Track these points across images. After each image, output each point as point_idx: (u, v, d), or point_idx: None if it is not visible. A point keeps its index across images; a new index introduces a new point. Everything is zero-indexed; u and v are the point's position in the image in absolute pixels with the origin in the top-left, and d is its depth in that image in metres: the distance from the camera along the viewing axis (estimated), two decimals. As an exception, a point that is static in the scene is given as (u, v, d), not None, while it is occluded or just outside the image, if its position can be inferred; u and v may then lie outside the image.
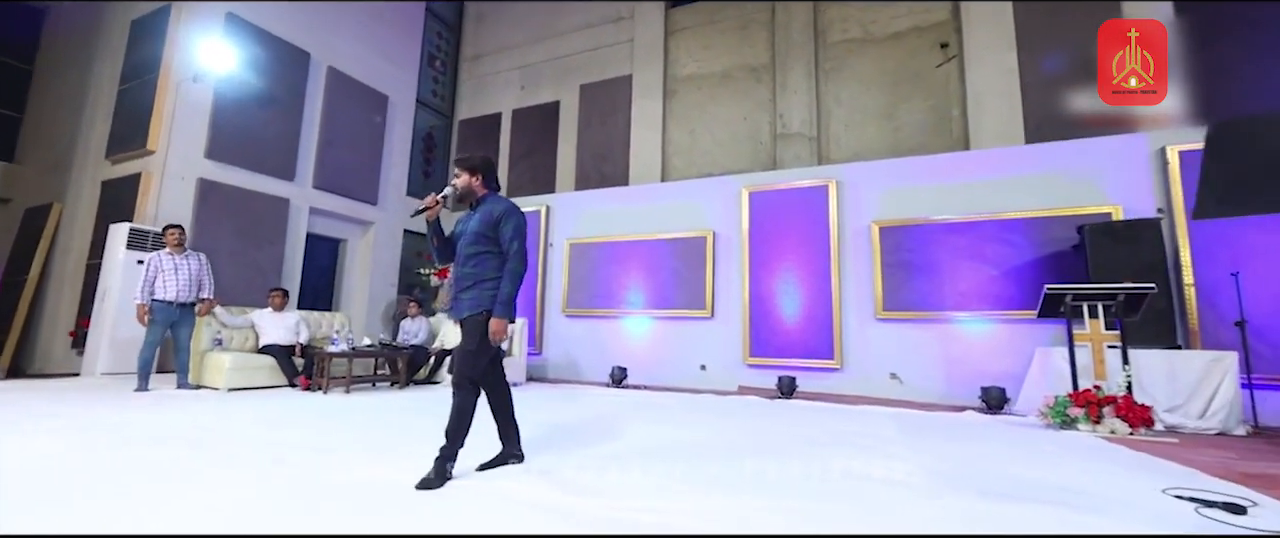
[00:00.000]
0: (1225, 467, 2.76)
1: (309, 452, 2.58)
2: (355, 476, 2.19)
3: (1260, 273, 4.49)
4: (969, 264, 5.50)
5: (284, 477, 2.15)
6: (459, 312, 2.31)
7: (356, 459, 2.48)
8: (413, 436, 3.08)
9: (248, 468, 2.27)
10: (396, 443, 2.88)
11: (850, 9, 7.73)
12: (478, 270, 2.29)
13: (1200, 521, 1.88)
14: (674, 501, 1.94)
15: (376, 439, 2.98)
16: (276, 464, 2.33)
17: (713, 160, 8.23)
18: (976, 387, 5.18)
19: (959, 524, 1.79)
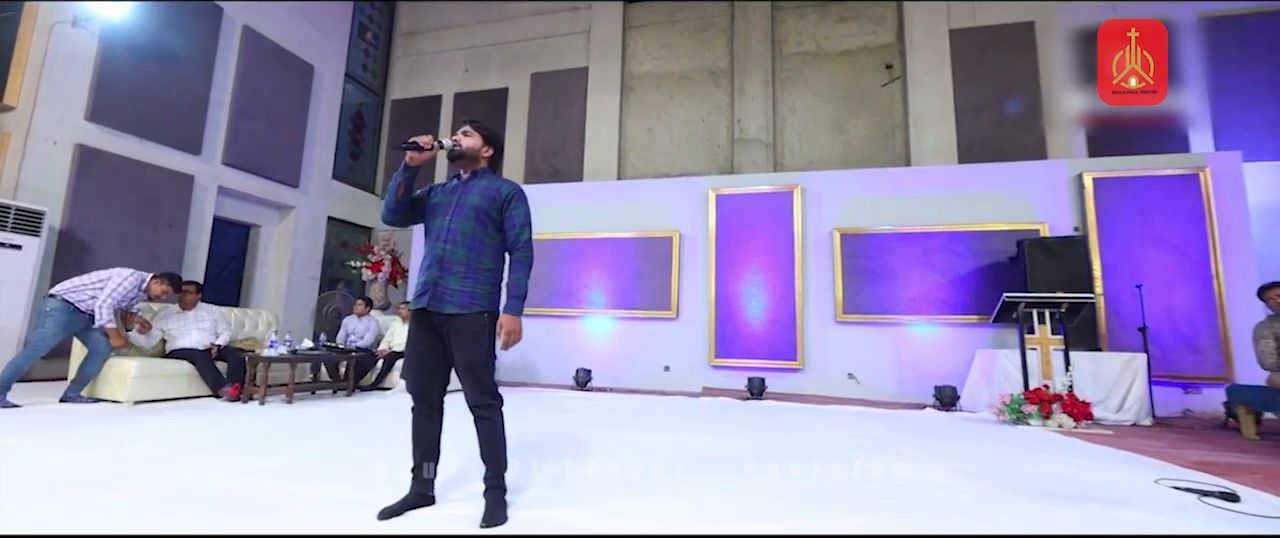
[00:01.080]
0: (1177, 456, 3.17)
1: (298, 484, 2.16)
2: (372, 510, 1.85)
3: (1154, 287, 5.26)
4: (920, 272, 5.93)
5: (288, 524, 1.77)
6: (443, 304, 1.82)
7: (364, 491, 2.11)
8: (401, 451, 2.71)
9: (235, 513, 1.84)
10: (394, 465, 2.50)
11: (805, 24, 8.06)
12: (473, 256, 1.86)
13: (1211, 510, 2.11)
14: (735, 523, 1.85)
15: (367, 462, 2.58)
16: (266, 508, 1.89)
17: (671, 160, 8.22)
18: (924, 386, 5.60)
19: (1024, 524, 1.86)
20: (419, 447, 1.91)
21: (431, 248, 1.89)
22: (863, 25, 7.86)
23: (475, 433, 1.87)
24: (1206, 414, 5.02)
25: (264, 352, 4.41)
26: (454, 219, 1.89)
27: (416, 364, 1.90)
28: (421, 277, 1.88)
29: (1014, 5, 7.25)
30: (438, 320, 1.85)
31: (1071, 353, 4.52)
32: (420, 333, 1.89)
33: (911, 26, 7.53)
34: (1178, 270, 5.37)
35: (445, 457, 2.01)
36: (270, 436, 3.09)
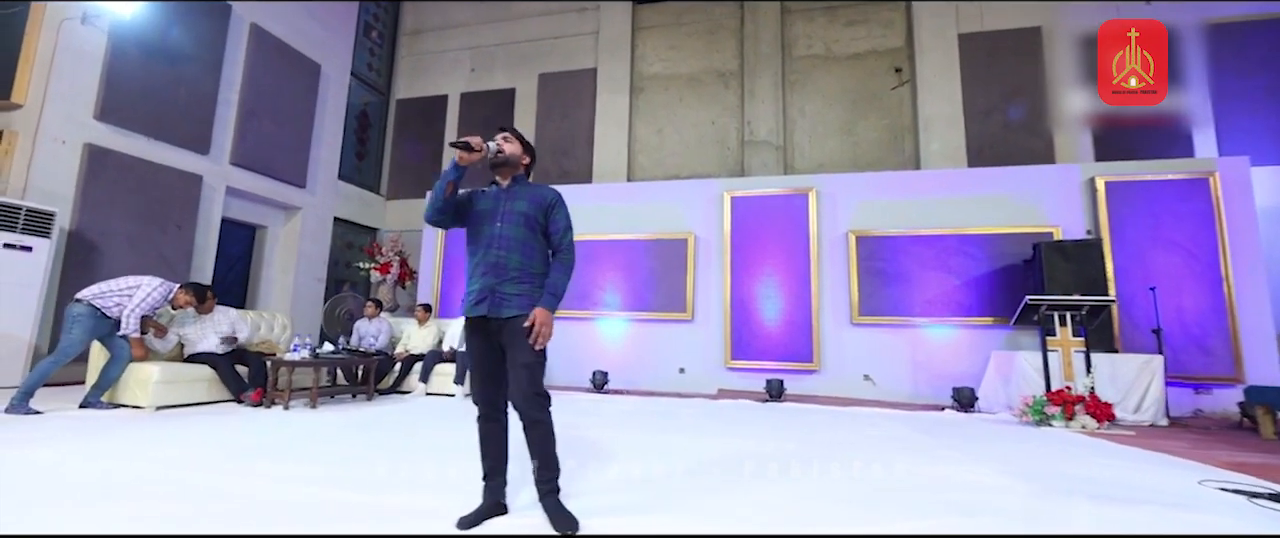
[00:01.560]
0: (1207, 456, 3.22)
1: (358, 492, 2.12)
2: (441, 518, 1.82)
3: (1165, 289, 5.35)
4: (934, 274, 5.98)
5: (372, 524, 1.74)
6: (502, 308, 1.83)
7: (429, 498, 2.07)
8: (451, 455, 2.68)
9: (304, 526, 1.80)
10: (442, 467, 2.47)
11: (814, 26, 8.11)
12: (527, 262, 1.89)
13: (1265, 511, 2.15)
14: (811, 525, 1.85)
15: (420, 468, 2.54)
16: (335, 519, 1.87)
17: (681, 162, 8.22)
18: (940, 387, 5.65)
19: (1094, 526, 1.88)
20: (490, 455, 1.89)
21: (484, 255, 1.89)
22: (872, 28, 7.92)
23: (526, 438, 1.84)
24: (1217, 414, 5.11)
25: (286, 356, 4.34)
26: (505, 226, 1.91)
27: (484, 372, 1.90)
28: (475, 284, 1.88)
29: (1021, 9, 7.35)
30: (496, 325, 1.85)
31: (1091, 355, 4.57)
32: (478, 341, 1.90)
33: (920, 30, 7.60)
34: (1188, 273, 5.47)
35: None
36: (307, 441, 3.04)
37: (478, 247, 1.92)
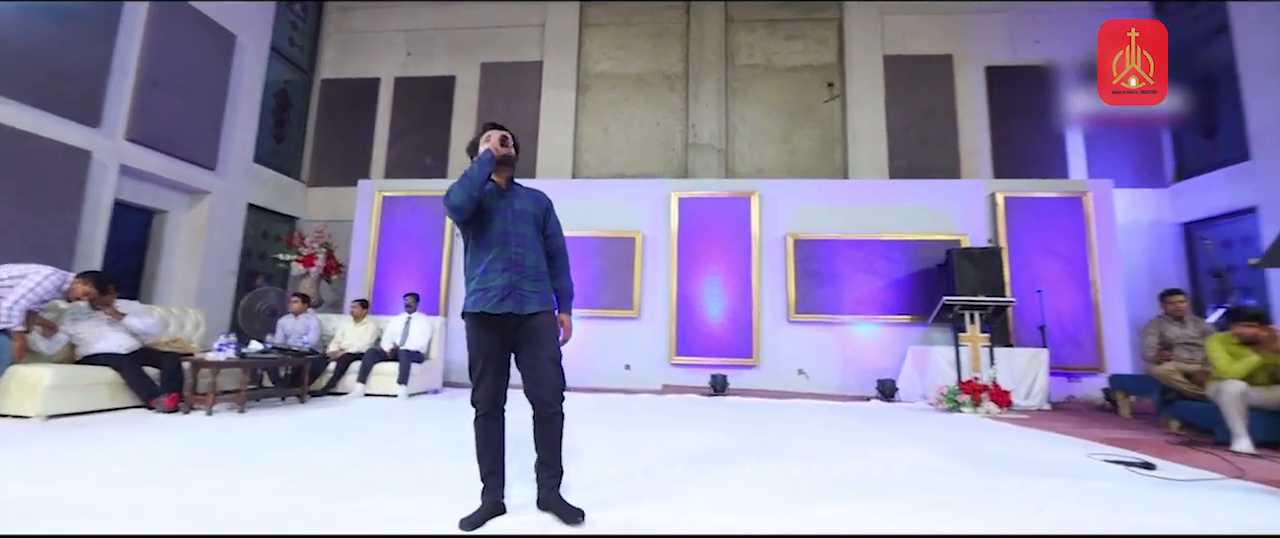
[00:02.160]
0: (1087, 434, 3.79)
1: (341, 499, 2.03)
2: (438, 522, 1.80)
3: (1050, 292, 6.17)
4: (862, 276, 6.50)
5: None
6: (525, 305, 1.88)
7: (419, 502, 2.02)
8: (424, 457, 2.61)
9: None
10: (420, 469, 2.41)
11: (756, 37, 8.49)
12: (537, 260, 1.97)
13: (1141, 476, 2.60)
14: (787, 513, 2.02)
15: (400, 471, 2.45)
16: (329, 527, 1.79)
17: (626, 161, 8.30)
18: (865, 380, 6.17)
19: (999, 494, 2.19)
20: (491, 454, 1.89)
21: (501, 252, 1.91)
22: (808, 44, 8.42)
23: (540, 432, 1.91)
24: (1086, 399, 5.98)
25: (208, 355, 3.95)
26: (516, 224, 1.96)
27: (494, 371, 1.90)
28: (496, 280, 1.88)
29: (936, 38, 8.13)
30: (515, 322, 1.88)
31: (994, 349, 5.20)
32: (494, 339, 1.90)
33: (851, 48, 8.19)
34: (1065, 278, 6.35)
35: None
36: (256, 447, 2.82)
37: (491, 243, 1.92)
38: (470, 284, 1.93)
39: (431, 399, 5.03)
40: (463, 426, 2.16)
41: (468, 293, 1.93)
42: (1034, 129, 7.75)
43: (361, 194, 7.25)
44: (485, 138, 2.02)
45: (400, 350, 5.10)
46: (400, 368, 4.91)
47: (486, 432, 1.89)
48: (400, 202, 7.09)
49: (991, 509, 2.02)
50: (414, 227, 7.02)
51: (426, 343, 5.37)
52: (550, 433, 1.90)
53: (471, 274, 1.94)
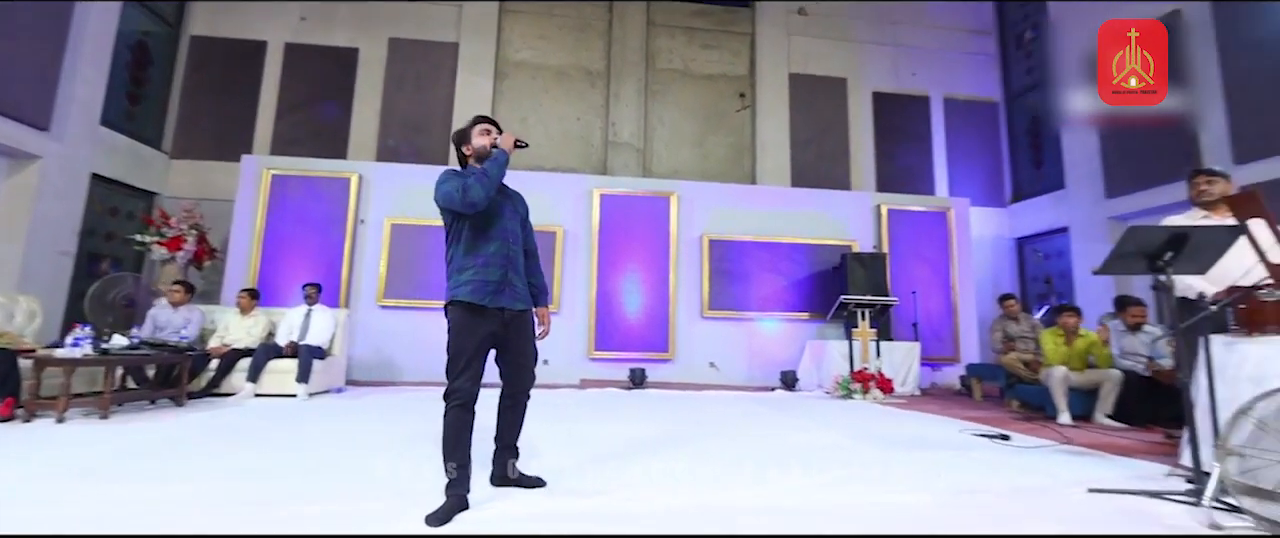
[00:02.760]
0: (954, 414, 4.47)
1: (304, 503, 1.87)
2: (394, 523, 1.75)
3: (921, 293, 7.11)
4: (768, 275, 7.03)
5: None
6: (517, 301, 1.97)
7: (368, 503, 1.93)
8: (358, 456, 2.47)
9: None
10: (371, 475, 2.28)
11: (675, 43, 8.79)
12: (521, 258, 2.07)
13: (1001, 446, 3.15)
14: (718, 491, 2.24)
15: (337, 469, 2.29)
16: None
17: (546, 154, 8.20)
18: (769, 372, 6.69)
19: (912, 467, 2.58)
20: (462, 448, 1.87)
21: (499, 248, 1.96)
22: (723, 55, 8.89)
23: (510, 417, 2.08)
24: (946, 385, 6.98)
25: (59, 352, 3.34)
26: (509, 221, 2.04)
27: (479, 362, 1.91)
28: (494, 273, 1.92)
29: (833, 62, 8.98)
30: (507, 316, 1.94)
31: (880, 343, 5.90)
32: (484, 330, 1.90)
33: (761, 63, 8.78)
34: (931, 281, 7.34)
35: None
36: (144, 457, 2.47)
37: (491, 238, 1.95)
38: (463, 274, 1.91)
39: (335, 399, 4.65)
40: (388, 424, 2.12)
41: (459, 282, 1.91)
42: (909, 150, 8.86)
43: (246, 171, 6.45)
44: (484, 131, 2.05)
45: (300, 346, 4.65)
46: (300, 365, 4.48)
47: (460, 423, 1.87)
48: (295, 182, 6.42)
49: (901, 476, 2.36)
50: (311, 211, 6.39)
51: (329, 338, 4.95)
52: (518, 416, 2.06)
53: (465, 265, 1.92)
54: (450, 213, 1.94)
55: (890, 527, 1.73)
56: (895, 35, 9.22)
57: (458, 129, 2.11)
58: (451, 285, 1.93)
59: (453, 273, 1.94)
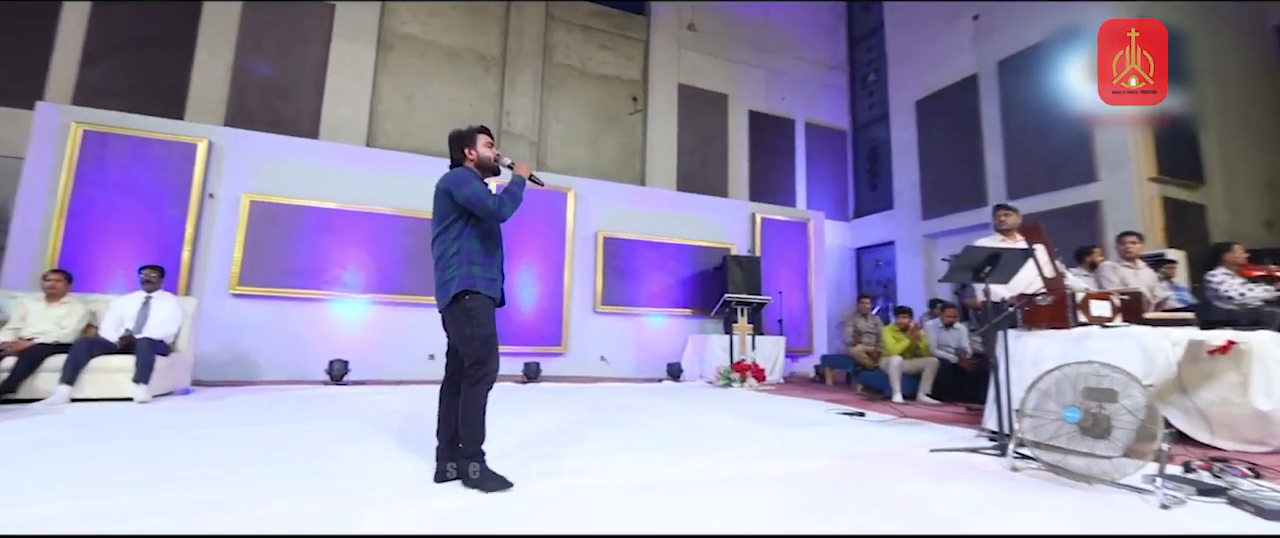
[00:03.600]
0: (818, 397, 5.23)
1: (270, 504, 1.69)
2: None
3: (786, 293, 8.07)
4: (657, 274, 7.45)
5: None
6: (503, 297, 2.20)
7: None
8: (293, 458, 2.26)
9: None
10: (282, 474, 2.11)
11: (573, 39, 8.85)
12: None
13: (860, 421, 3.81)
14: (661, 469, 2.51)
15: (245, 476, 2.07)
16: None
17: (434, 137, 7.75)
18: (655, 364, 7.12)
19: (800, 441, 3.06)
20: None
21: (499, 251, 2.17)
22: (618, 57, 9.15)
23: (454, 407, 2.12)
24: (803, 374, 8.03)
25: None
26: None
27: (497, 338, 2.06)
28: (498, 275, 2.13)
29: (717, 78, 9.74)
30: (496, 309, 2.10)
31: (755, 337, 6.62)
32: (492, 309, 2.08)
33: (653, 71, 9.21)
34: (793, 283, 8.37)
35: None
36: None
37: (498, 244, 2.16)
38: (481, 270, 2.05)
39: (185, 402, 3.99)
40: (277, 426, 1.99)
41: (478, 276, 2.02)
42: (777, 166, 9.96)
43: (42, 122, 5.18)
44: (489, 144, 2.23)
45: (137, 340, 3.92)
46: (139, 363, 3.77)
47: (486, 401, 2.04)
48: (117, 143, 5.31)
49: (797, 448, 2.80)
50: (141, 178, 5.34)
51: (175, 330, 4.23)
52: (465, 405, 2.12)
53: (483, 263, 2.06)
54: (461, 210, 2.03)
55: (806, 486, 2.09)
56: (769, 62, 10.27)
57: (458, 132, 2.20)
58: (469, 274, 2.01)
59: (465, 264, 2.02)
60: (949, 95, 8.76)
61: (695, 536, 1.57)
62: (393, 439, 2.84)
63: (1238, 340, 2.86)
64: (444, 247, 2.05)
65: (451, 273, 2.01)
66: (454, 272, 2.01)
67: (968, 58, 8.49)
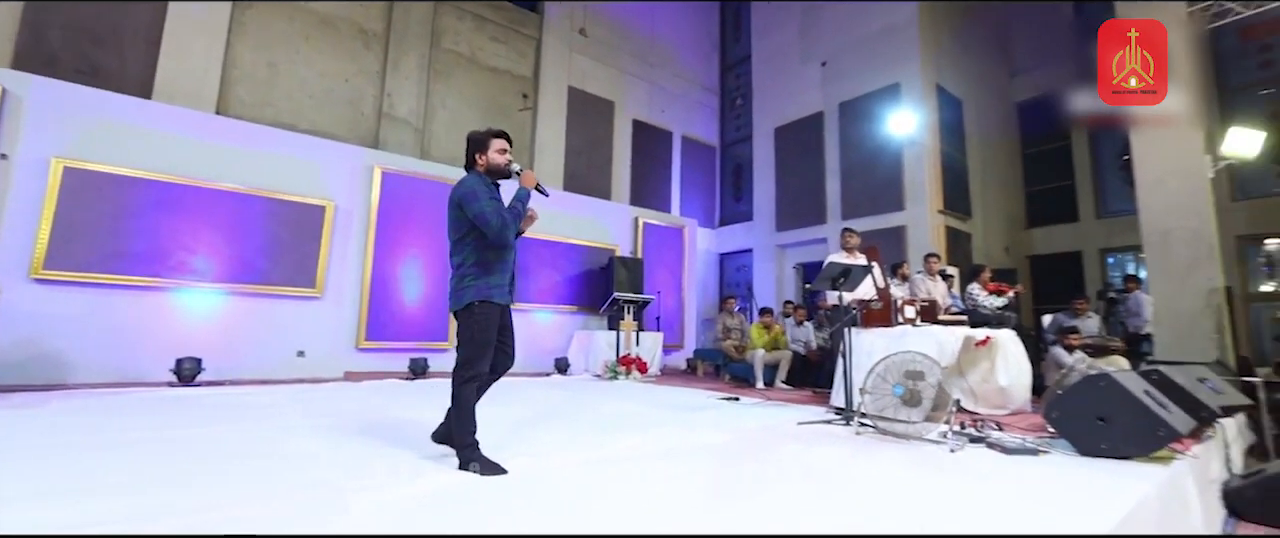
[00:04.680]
0: (696, 385, 5.91)
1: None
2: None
3: (664, 293, 8.78)
4: (547, 271, 7.65)
5: None
6: (512, 297, 2.42)
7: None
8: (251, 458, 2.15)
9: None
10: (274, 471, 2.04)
11: (464, 26, 8.61)
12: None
13: (738, 405, 4.51)
14: (597, 448, 2.90)
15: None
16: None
17: (300, 112, 7.05)
18: (543, 359, 7.32)
19: (700, 421, 3.63)
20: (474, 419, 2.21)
21: (510, 258, 2.33)
22: (510, 51, 9.09)
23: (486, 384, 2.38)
24: (674, 366, 8.82)
25: None
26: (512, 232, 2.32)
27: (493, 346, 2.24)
28: (506, 278, 2.30)
29: (604, 84, 10.16)
30: (505, 312, 2.33)
31: (639, 333, 7.17)
32: (498, 321, 2.27)
33: (545, 71, 9.33)
34: (669, 284, 9.14)
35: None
36: None
37: (508, 244, 2.27)
38: (492, 278, 2.23)
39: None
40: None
41: (490, 284, 2.21)
42: (656, 174, 10.71)
43: None
44: (501, 149, 2.33)
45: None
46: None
47: (474, 398, 2.19)
48: None
49: (701, 426, 3.33)
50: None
51: None
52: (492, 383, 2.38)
53: (489, 268, 2.22)
54: (472, 222, 2.18)
55: (722, 454, 2.60)
56: (652, 75, 10.98)
57: (474, 135, 2.32)
58: (480, 287, 2.19)
59: (478, 274, 2.20)
60: (801, 126, 10.24)
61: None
62: (354, 434, 2.79)
63: (991, 337, 4.05)
64: (462, 257, 2.24)
65: (467, 283, 2.20)
66: (469, 281, 2.20)
67: (816, 96, 10.02)
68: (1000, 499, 1.98)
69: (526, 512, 1.73)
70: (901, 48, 8.82)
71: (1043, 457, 2.64)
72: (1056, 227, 10.06)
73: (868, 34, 9.34)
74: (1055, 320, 5.89)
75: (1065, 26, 10.02)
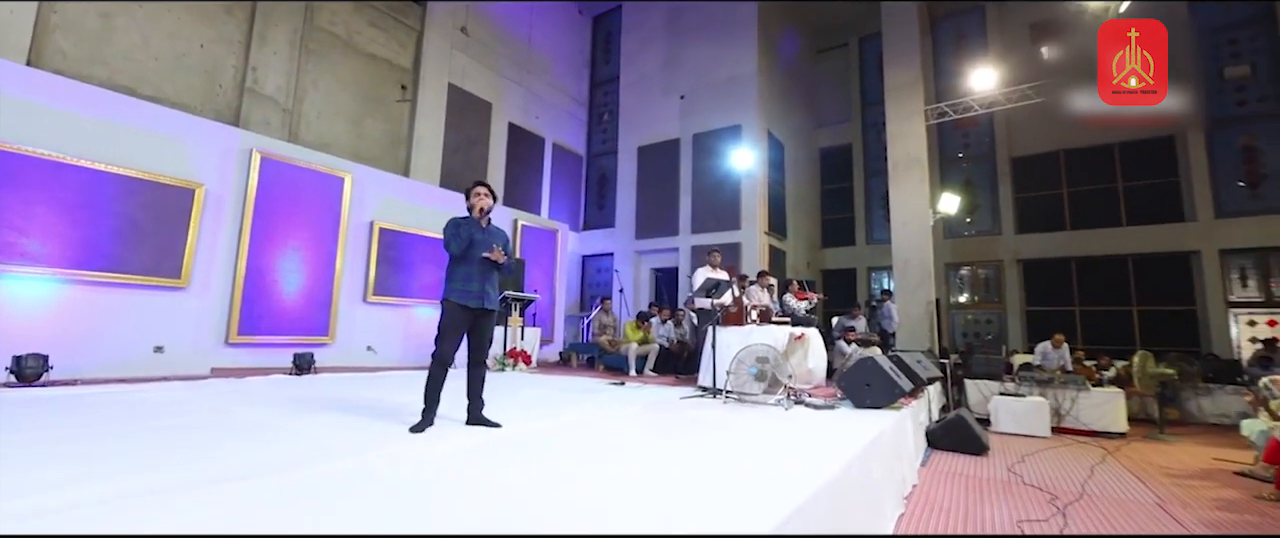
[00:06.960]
0: (580, 374, 6.81)
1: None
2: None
3: (538, 291, 9.46)
4: (429, 266, 7.82)
5: None
6: (485, 303, 2.99)
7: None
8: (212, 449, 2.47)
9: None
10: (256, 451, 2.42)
11: (341, 7, 8.25)
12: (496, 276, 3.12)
13: (624, 388, 5.55)
14: (537, 422, 3.71)
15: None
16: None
17: (141, 77, 6.24)
18: (421, 353, 7.48)
19: (608, 398, 4.59)
20: (435, 392, 2.88)
21: (478, 269, 2.95)
22: (389, 39, 8.89)
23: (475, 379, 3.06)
24: (547, 358, 9.56)
25: None
26: (480, 249, 3.00)
27: (457, 339, 2.87)
28: (474, 285, 2.91)
29: (484, 85, 10.42)
30: (479, 312, 2.92)
31: (524, 329, 7.81)
32: (464, 320, 2.89)
33: (425, 64, 9.29)
34: (543, 283, 9.84)
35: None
36: None
37: (471, 262, 2.91)
38: (454, 284, 2.84)
39: None
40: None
41: (452, 289, 2.84)
42: (528, 177, 11.28)
43: None
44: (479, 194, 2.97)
45: None
46: None
47: (438, 376, 2.81)
48: None
49: (606, 405, 4.28)
50: None
51: None
52: (479, 377, 3.00)
53: (462, 278, 2.88)
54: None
55: (645, 418, 3.60)
56: (528, 82, 11.49)
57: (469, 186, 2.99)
58: (449, 287, 2.84)
59: (448, 279, 2.85)
60: (661, 148, 11.71)
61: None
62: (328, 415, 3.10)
63: (805, 334, 5.72)
64: (447, 267, 2.89)
65: (445, 284, 2.90)
66: (446, 284, 2.90)
67: (675, 124, 11.57)
68: (816, 433, 3.31)
69: (548, 453, 2.52)
70: (744, 96, 10.76)
71: (836, 410, 4.16)
72: (841, 248, 13.14)
73: (718, 79, 11.14)
74: (840, 321, 8.10)
75: (856, 93, 13.16)
